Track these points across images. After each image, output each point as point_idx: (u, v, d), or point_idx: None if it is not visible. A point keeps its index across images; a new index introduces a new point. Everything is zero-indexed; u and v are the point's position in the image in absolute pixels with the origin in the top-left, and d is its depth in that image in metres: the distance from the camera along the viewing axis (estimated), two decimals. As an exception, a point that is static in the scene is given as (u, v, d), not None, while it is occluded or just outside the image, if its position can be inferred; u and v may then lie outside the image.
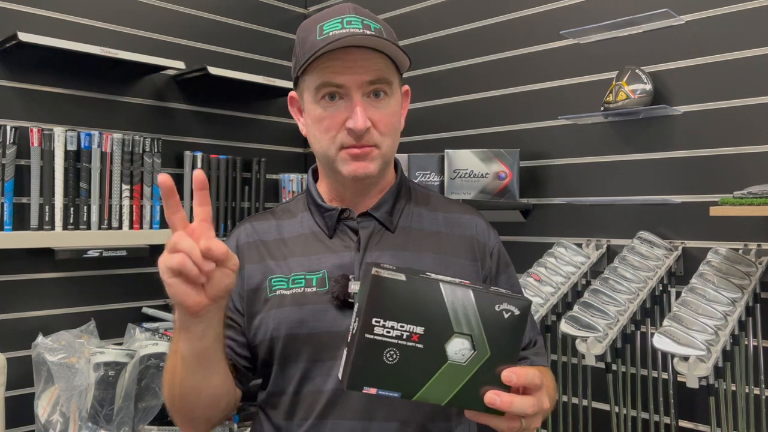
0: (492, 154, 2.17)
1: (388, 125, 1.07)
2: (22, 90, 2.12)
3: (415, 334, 0.81)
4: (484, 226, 1.20)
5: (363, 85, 1.04)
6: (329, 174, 1.13)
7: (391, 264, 0.87)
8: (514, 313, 0.83)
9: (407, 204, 1.17)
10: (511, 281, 1.21)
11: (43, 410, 1.91)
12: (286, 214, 1.18)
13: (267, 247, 1.14)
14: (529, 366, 0.93)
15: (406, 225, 1.14)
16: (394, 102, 1.08)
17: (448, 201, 1.24)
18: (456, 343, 0.82)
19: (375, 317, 0.80)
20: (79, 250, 2.08)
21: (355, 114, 1.03)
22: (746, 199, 1.58)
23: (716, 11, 1.84)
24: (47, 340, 1.96)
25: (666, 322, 1.57)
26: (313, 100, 1.07)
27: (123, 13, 2.35)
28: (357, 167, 1.06)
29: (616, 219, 2.03)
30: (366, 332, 0.80)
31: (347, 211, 1.13)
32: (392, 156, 1.12)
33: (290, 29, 2.92)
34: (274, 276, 1.10)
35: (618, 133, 2.03)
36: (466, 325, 0.82)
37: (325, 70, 1.03)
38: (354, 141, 1.04)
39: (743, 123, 1.80)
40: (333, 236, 1.12)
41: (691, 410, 1.86)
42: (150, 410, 2.01)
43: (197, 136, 2.55)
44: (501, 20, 2.32)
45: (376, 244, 1.11)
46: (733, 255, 1.72)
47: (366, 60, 1.03)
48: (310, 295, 1.06)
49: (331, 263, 1.08)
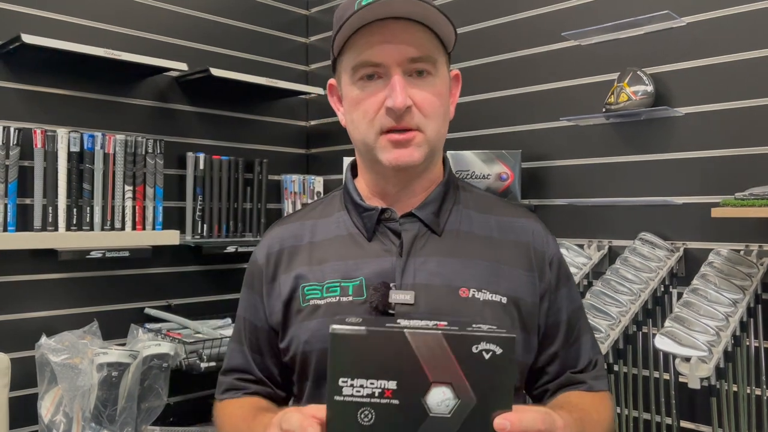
0: (494, 155, 2.17)
1: (432, 106, 0.96)
2: (25, 91, 2.12)
3: (387, 390, 0.74)
4: (542, 232, 1.07)
5: (404, 62, 0.93)
6: (369, 166, 1.02)
7: (361, 315, 0.82)
8: (496, 353, 0.74)
9: (456, 205, 1.04)
10: (571, 296, 1.06)
11: (46, 410, 1.92)
12: (321, 214, 1.08)
13: (299, 252, 1.04)
14: (536, 406, 0.83)
15: (455, 228, 1.02)
16: (440, 82, 0.97)
17: (501, 203, 1.11)
18: (436, 393, 0.74)
19: (341, 377, 0.74)
20: (82, 251, 2.09)
21: (394, 90, 0.92)
22: (748, 201, 1.58)
23: (717, 13, 1.85)
24: (51, 341, 1.97)
25: (668, 323, 1.57)
26: (351, 81, 0.97)
27: (126, 15, 2.35)
28: (399, 155, 0.95)
29: (617, 220, 2.03)
30: (334, 394, 0.74)
31: (388, 211, 1.01)
32: (439, 144, 1.01)
33: (292, 31, 2.93)
34: (307, 284, 1.00)
35: (619, 134, 2.04)
36: (444, 373, 0.74)
37: (361, 48, 0.94)
38: (394, 122, 0.93)
39: (744, 124, 1.80)
40: (372, 239, 1.01)
41: (693, 411, 1.86)
42: (153, 411, 2.02)
43: (200, 137, 2.56)
44: (502, 22, 2.32)
45: (421, 248, 0.99)
46: (735, 256, 1.73)
47: (407, 34, 0.93)
48: (346, 305, 0.96)
49: (370, 270, 0.97)
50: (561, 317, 1.04)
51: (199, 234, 2.46)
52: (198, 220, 2.46)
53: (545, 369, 1.05)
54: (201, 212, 2.46)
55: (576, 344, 1.05)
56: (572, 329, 1.05)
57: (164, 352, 2.04)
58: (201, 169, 2.45)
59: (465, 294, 0.96)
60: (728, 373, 1.65)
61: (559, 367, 1.04)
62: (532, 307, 1.00)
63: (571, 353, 1.05)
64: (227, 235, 2.53)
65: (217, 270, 2.57)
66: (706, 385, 1.57)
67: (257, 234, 2.61)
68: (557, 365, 1.04)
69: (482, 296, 0.96)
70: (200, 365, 2.11)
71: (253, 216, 2.61)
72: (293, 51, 2.93)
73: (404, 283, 0.96)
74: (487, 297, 0.96)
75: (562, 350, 1.04)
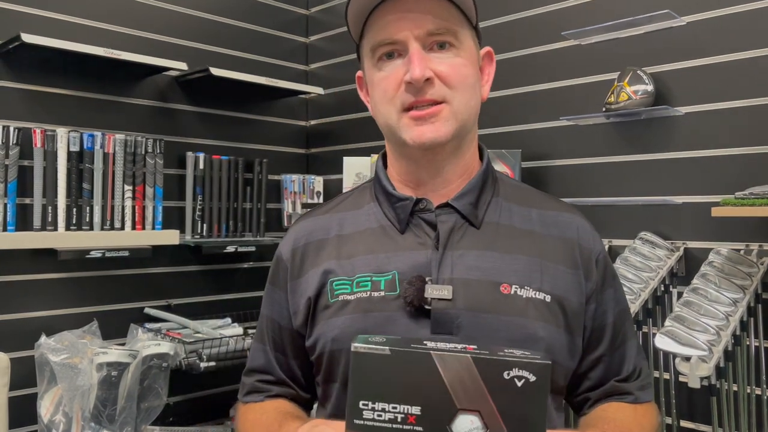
0: (494, 154, 2.17)
1: (458, 76, 0.89)
2: (25, 91, 2.12)
3: (411, 416, 0.70)
4: (588, 229, 1.01)
5: (421, 35, 0.88)
6: (397, 150, 0.97)
7: (385, 334, 0.77)
8: (529, 380, 0.69)
9: (495, 196, 0.98)
10: (618, 297, 1.00)
11: (46, 410, 1.92)
12: (351, 206, 1.02)
13: (327, 246, 0.98)
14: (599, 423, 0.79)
15: (494, 220, 0.95)
16: (465, 53, 0.91)
17: (543, 196, 1.04)
18: (463, 421, 0.70)
19: (362, 400, 0.70)
20: (81, 251, 2.09)
21: (412, 62, 0.87)
22: (748, 200, 1.58)
23: (717, 12, 1.85)
24: (50, 341, 1.97)
25: (668, 323, 1.57)
26: (372, 64, 0.93)
27: (125, 14, 2.35)
28: (423, 131, 0.88)
29: (617, 219, 2.03)
30: (354, 418, 0.70)
31: (423, 201, 0.95)
32: (471, 120, 0.94)
33: (292, 30, 2.93)
34: (336, 278, 0.94)
35: (620, 133, 2.04)
36: (472, 400, 0.69)
37: (377, 27, 0.90)
38: (414, 96, 0.88)
39: (745, 124, 1.80)
40: (406, 231, 0.94)
41: (693, 410, 1.86)
42: (152, 410, 2.02)
43: (199, 136, 2.56)
44: (502, 21, 2.32)
45: (458, 241, 0.92)
46: (735, 255, 1.73)
47: (422, 6, 0.88)
48: (377, 300, 0.90)
49: (404, 263, 0.91)
50: (607, 320, 0.98)
51: (198, 234, 2.46)
52: (198, 219, 2.46)
53: (588, 374, 0.99)
54: (201, 212, 2.46)
55: (621, 349, 1.00)
56: (618, 333, 0.99)
57: (164, 351, 2.04)
58: (201, 168, 2.45)
59: (506, 290, 0.90)
60: (728, 373, 1.65)
61: (602, 372, 0.99)
62: (578, 308, 0.94)
63: (616, 358, 0.99)
64: (227, 235, 2.53)
65: (216, 270, 2.57)
66: (706, 385, 1.57)
67: (257, 234, 2.61)
68: (601, 370, 0.99)
69: (525, 293, 0.90)
70: (200, 365, 2.11)
71: (253, 216, 2.61)
72: (293, 51, 2.93)
73: (441, 277, 0.89)
74: (530, 294, 0.90)
75: (606, 355, 0.98)
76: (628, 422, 0.93)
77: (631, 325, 1.03)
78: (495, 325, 0.87)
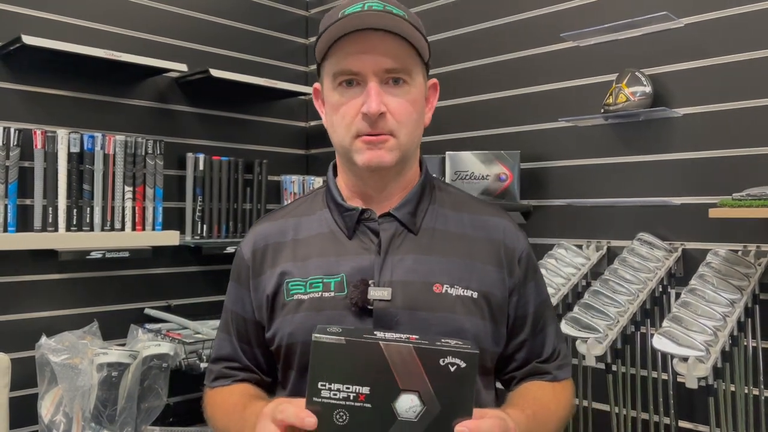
0: (493, 155, 2.18)
1: (405, 113, 1.01)
2: (25, 92, 2.13)
3: (361, 395, 0.82)
4: (513, 230, 1.13)
5: (380, 71, 0.99)
6: (347, 167, 1.09)
7: (341, 326, 0.89)
8: (461, 366, 0.82)
9: (431, 204, 1.11)
10: (538, 289, 1.14)
11: (46, 411, 1.92)
12: (305, 211, 1.14)
13: (283, 249, 1.09)
14: (494, 411, 0.90)
15: (431, 226, 1.08)
16: (414, 90, 1.03)
17: (474, 201, 1.17)
18: (404, 400, 0.82)
19: (320, 381, 0.82)
20: (82, 252, 2.09)
21: (369, 97, 0.98)
22: (745, 201, 1.59)
23: (715, 14, 1.85)
24: (51, 341, 1.97)
25: (666, 323, 1.58)
26: (332, 87, 1.03)
27: (125, 16, 2.36)
28: (371, 156, 1.01)
29: (616, 220, 2.04)
30: (313, 396, 0.82)
31: (368, 211, 1.07)
32: (412, 148, 1.06)
33: (292, 32, 2.93)
34: (291, 279, 1.06)
35: (618, 135, 2.04)
36: (413, 382, 0.82)
37: (341, 56, 1.00)
38: (369, 127, 1.00)
39: (742, 125, 1.81)
40: (353, 237, 1.06)
41: (691, 411, 1.87)
42: (152, 411, 2.02)
43: (199, 137, 2.56)
44: (501, 23, 2.33)
45: (398, 247, 1.05)
46: (733, 256, 1.73)
47: (383, 45, 0.99)
48: (328, 300, 1.02)
49: (350, 266, 1.04)
50: (528, 309, 1.12)
51: (198, 234, 2.47)
52: (198, 220, 2.46)
53: (513, 356, 1.13)
54: (201, 213, 2.47)
55: (542, 334, 1.14)
56: (538, 320, 1.13)
57: (164, 352, 2.05)
58: (201, 169, 2.46)
59: (439, 290, 1.03)
60: (726, 373, 1.66)
61: (526, 354, 1.13)
62: (501, 301, 1.07)
63: (537, 342, 1.13)
64: (227, 236, 2.53)
65: (216, 270, 2.57)
66: (704, 385, 1.57)
67: (257, 234, 2.61)
68: (524, 353, 1.12)
69: (455, 291, 1.03)
70: (200, 365, 2.11)
71: (253, 216, 2.62)
72: (293, 52, 2.93)
73: (382, 280, 1.02)
74: (459, 292, 1.04)
75: (529, 339, 1.12)
76: (547, 399, 1.07)
77: (551, 313, 1.17)
78: (429, 321, 1.01)
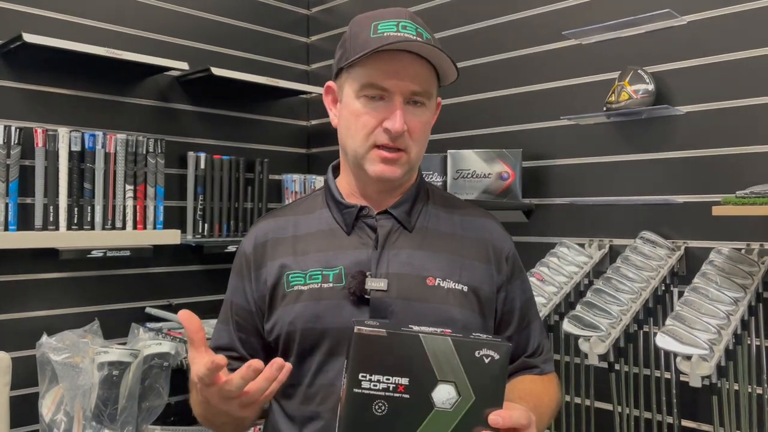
0: (494, 154, 2.17)
1: (420, 133, 1.09)
2: (26, 91, 2.13)
3: (400, 386, 0.85)
4: (500, 231, 1.21)
5: (406, 93, 1.06)
6: (354, 171, 1.14)
7: (378, 319, 0.94)
8: (494, 358, 0.86)
9: (425, 205, 1.18)
10: (524, 287, 1.22)
11: (47, 409, 1.92)
12: (304, 211, 1.20)
13: (284, 243, 1.15)
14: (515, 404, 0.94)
15: (424, 225, 1.15)
16: (429, 113, 1.11)
17: (465, 204, 1.25)
18: (441, 390, 0.85)
19: (361, 372, 0.85)
20: (83, 251, 2.09)
21: (396, 116, 1.05)
22: (748, 199, 1.58)
23: (718, 11, 1.85)
24: (51, 340, 1.97)
25: (669, 322, 1.57)
26: (355, 95, 1.08)
27: (127, 14, 2.36)
28: (384, 170, 1.08)
29: (618, 219, 2.03)
30: (354, 387, 0.85)
31: (366, 208, 1.14)
32: (418, 163, 1.14)
33: (293, 30, 2.93)
34: (291, 272, 1.11)
35: (620, 133, 2.04)
36: (450, 373, 0.85)
37: (373, 71, 1.06)
38: (388, 141, 1.06)
39: (745, 123, 1.80)
40: (351, 233, 1.13)
41: (694, 409, 1.86)
42: (153, 410, 2.02)
43: (200, 136, 2.56)
44: (503, 21, 2.32)
45: (394, 242, 1.12)
46: (736, 255, 1.73)
47: (414, 68, 1.06)
48: (327, 290, 1.08)
49: (349, 260, 1.09)
50: (515, 305, 1.18)
51: (200, 233, 2.46)
52: (199, 219, 2.46)
53: None
54: (202, 212, 2.46)
55: (527, 329, 1.20)
56: (524, 316, 1.20)
57: (165, 351, 2.05)
58: (202, 168, 2.46)
59: (432, 282, 1.09)
60: (729, 372, 1.65)
61: (513, 349, 1.14)
62: (489, 295, 1.14)
63: (523, 337, 1.20)
64: (228, 235, 2.53)
65: (217, 269, 2.57)
66: (707, 384, 1.57)
67: (258, 233, 2.61)
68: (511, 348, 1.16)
69: (446, 285, 1.09)
70: (201, 364, 2.11)
71: (254, 216, 2.61)
72: (294, 51, 2.93)
73: (379, 272, 1.08)
74: (451, 285, 1.10)
75: (515, 334, 1.18)
76: (540, 392, 1.13)
77: (535, 310, 1.24)
78: (422, 311, 1.07)
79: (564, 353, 2.00)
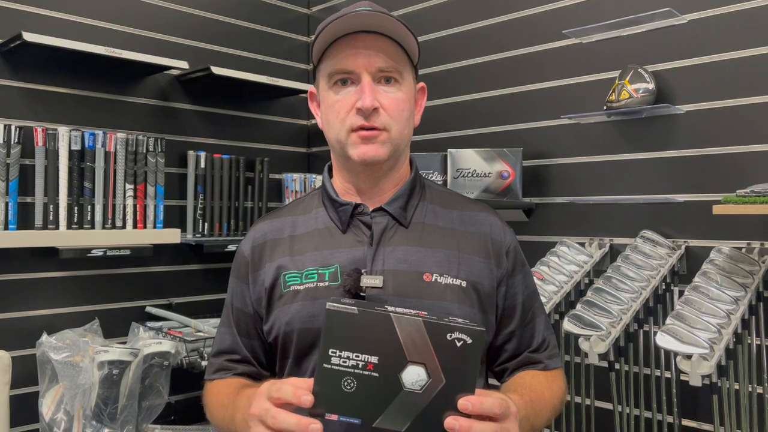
0: (495, 153, 2.17)
1: (397, 110, 1.08)
2: (26, 90, 2.13)
3: (370, 364, 0.85)
4: (500, 225, 1.19)
5: (373, 70, 1.06)
6: (342, 163, 1.14)
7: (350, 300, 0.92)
8: (467, 342, 0.85)
9: (422, 200, 1.17)
10: (527, 281, 1.19)
11: (47, 408, 1.92)
12: (301, 211, 1.20)
13: (281, 244, 1.15)
14: (493, 392, 0.92)
15: (420, 221, 1.14)
16: (405, 89, 1.10)
17: (464, 199, 1.23)
18: (411, 371, 0.85)
19: (331, 348, 0.85)
20: (83, 250, 2.09)
21: (363, 93, 1.05)
22: (749, 198, 1.58)
23: (719, 10, 1.84)
24: (52, 339, 1.97)
25: (669, 321, 1.57)
26: (327, 87, 1.10)
27: (127, 13, 2.35)
28: (366, 150, 1.07)
29: (618, 218, 2.03)
30: (324, 362, 0.85)
31: (361, 206, 1.13)
32: (403, 145, 1.12)
33: (293, 29, 2.93)
34: (287, 272, 1.11)
35: (621, 132, 2.04)
36: (420, 354, 0.84)
37: (335, 57, 1.07)
38: (363, 120, 1.06)
39: (746, 122, 1.80)
40: (346, 231, 1.12)
41: (694, 409, 1.86)
42: (153, 409, 2.02)
43: (201, 135, 2.56)
44: (503, 20, 2.32)
45: (390, 239, 1.11)
46: (737, 254, 1.72)
47: (375, 45, 1.06)
48: (323, 289, 1.07)
49: (344, 258, 1.09)
50: (517, 300, 1.16)
51: (200, 232, 2.46)
52: (199, 218, 2.46)
53: (504, 347, 1.17)
54: (202, 211, 2.46)
55: (531, 324, 1.18)
56: (527, 311, 1.18)
57: (165, 350, 2.04)
58: (202, 167, 2.45)
59: (429, 278, 1.08)
60: (730, 371, 1.65)
61: (516, 344, 1.17)
62: (489, 290, 1.12)
63: (527, 332, 1.18)
64: (228, 234, 2.53)
65: (218, 268, 2.57)
66: (708, 383, 1.57)
67: (258, 232, 2.61)
68: (514, 343, 1.17)
69: (444, 280, 1.08)
70: (201, 363, 2.11)
71: (254, 215, 2.61)
72: (294, 49, 2.93)
73: (374, 269, 1.08)
74: (449, 281, 1.08)
75: (518, 329, 1.17)
76: (541, 387, 1.11)
77: (540, 305, 1.21)
78: (418, 307, 1.02)
79: (564, 352, 2.00)
